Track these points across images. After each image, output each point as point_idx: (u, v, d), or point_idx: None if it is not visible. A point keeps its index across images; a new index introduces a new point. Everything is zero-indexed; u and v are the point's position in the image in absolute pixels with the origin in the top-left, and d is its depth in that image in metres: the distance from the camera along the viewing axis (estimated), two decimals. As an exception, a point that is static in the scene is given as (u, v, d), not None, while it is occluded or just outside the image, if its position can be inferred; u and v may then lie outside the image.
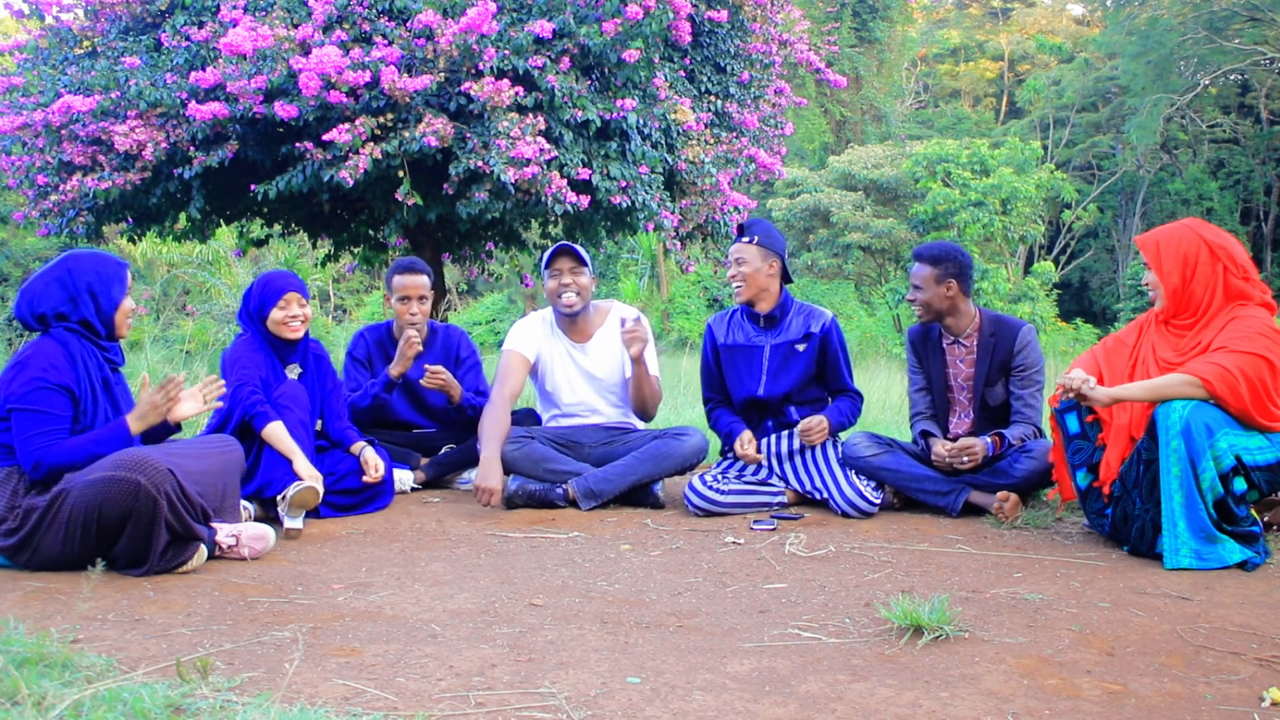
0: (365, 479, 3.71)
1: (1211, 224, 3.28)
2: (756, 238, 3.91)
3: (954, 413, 3.86)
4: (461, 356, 4.44)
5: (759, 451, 3.92)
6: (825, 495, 3.79)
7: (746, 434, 3.90)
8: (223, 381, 3.20)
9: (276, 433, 3.52)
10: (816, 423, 3.82)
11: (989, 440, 3.64)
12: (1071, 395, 3.12)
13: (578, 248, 4.01)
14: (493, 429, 3.83)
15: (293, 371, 3.73)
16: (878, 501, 3.73)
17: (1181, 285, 3.12)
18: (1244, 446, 2.94)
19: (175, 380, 2.99)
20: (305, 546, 3.24)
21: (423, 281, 4.26)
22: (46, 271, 2.97)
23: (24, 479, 2.86)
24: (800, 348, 3.93)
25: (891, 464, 3.75)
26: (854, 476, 3.75)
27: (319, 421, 3.80)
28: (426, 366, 4.15)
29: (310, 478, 3.47)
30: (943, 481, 3.71)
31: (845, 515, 3.72)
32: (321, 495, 3.42)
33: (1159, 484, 2.96)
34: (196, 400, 3.09)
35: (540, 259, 4.14)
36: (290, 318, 3.66)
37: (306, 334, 3.78)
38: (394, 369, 4.16)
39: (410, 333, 4.14)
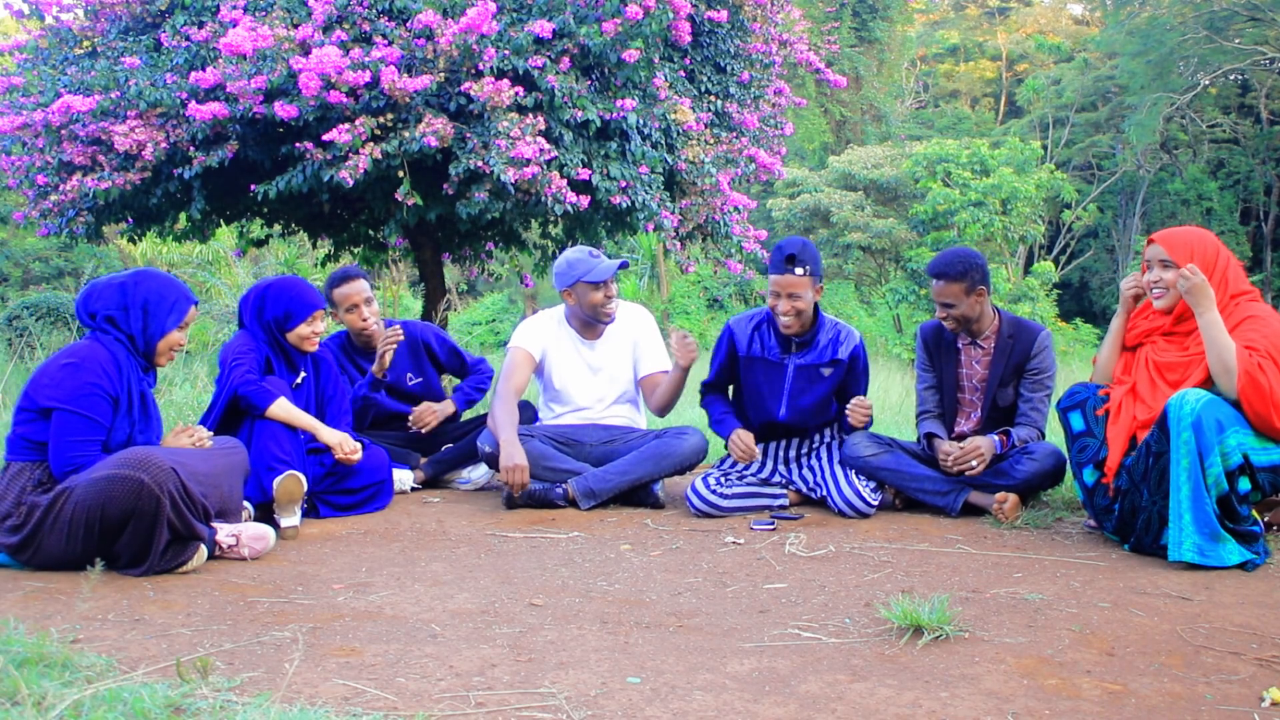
0: (337, 456, 3.63)
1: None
2: (808, 268, 3.68)
3: (962, 412, 3.85)
4: (431, 344, 4.45)
5: (761, 455, 3.93)
6: (824, 494, 3.79)
7: (741, 431, 3.79)
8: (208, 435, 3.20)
9: (284, 408, 3.52)
10: (866, 404, 3.76)
11: (996, 439, 3.63)
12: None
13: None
14: (505, 417, 3.88)
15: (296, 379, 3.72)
16: (876, 502, 3.72)
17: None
18: (1252, 445, 2.94)
19: (208, 436, 3.13)
20: (305, 546, 3.24)
21: (362, 286, 4.25)
22: (117, 275, 3.06)
23: (33, 476, 2.86)
24: (826, 372, 3.82)
25: (891, 464, 3.74)
26: (853, 476, 3.74)
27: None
28: (419, 414, 4.27)
29: (338, 443, 3.58)
30: (942, 481, 3.71)
31: (843, 515, 3.72)
32: (304, 482, 3.41)
33: (1167, 477, 2.97)
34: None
35: (568, 272, 4.03)
36: (315, 334, 3.68)
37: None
38: (376, 368, 4.18)
39: (386, 334, 4.14)
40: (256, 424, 3.50)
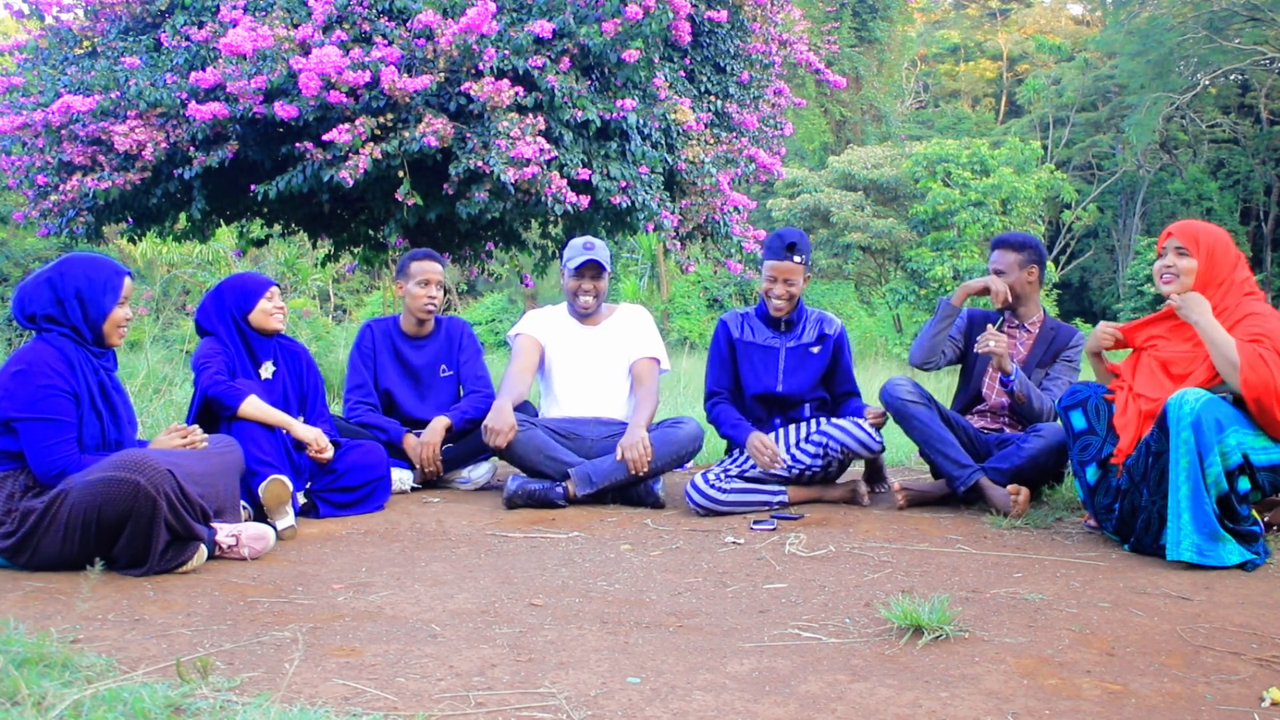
0: (309, 453, 3.66)
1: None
2: (804, 257, 3.96)
3: (988, 385, 4.04)
4: (462, 344, 4.55)
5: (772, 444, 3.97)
6: (827, 441, 3.84)
7: (758, 434, 3.87)
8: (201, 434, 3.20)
9: (256, 406, 3.52)
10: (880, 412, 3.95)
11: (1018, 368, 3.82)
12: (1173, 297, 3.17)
13: (604, 261, 4.17)
14: (509, 388, 4.09)
15: (266, 370, 3.73)
16: (881, 440, 3.88)
17: (1212, 273, 3.15)
18: (1251, 445, 2.94)
19: (202, 437, 3.14)
20: (305, 546, 3.24)
21: (440, 269, 4.44)
22: (41, 272, 2.99)
23: (20, 482, 2.85)
24: (815, 350, 4.08)
25: (924, 416, 3.79)
26: (853, 420, 3.87)
27: (300, 418, 3.78)
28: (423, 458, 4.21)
29: (313, 439, 3.64)
30: (962, 453, 3.78)
31: (852, 454, 3.85)
32: (289, 484, 3.39)
33: (1167, 476, 2.97)
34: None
35: (563, 257, 4.31)
36: (276, 309, 3.72)
37: (279, 332, 3.80)
38: (413, 454, 4.21)
39: (431, 458, 4.19)
40: (234, 427, 3.48)
